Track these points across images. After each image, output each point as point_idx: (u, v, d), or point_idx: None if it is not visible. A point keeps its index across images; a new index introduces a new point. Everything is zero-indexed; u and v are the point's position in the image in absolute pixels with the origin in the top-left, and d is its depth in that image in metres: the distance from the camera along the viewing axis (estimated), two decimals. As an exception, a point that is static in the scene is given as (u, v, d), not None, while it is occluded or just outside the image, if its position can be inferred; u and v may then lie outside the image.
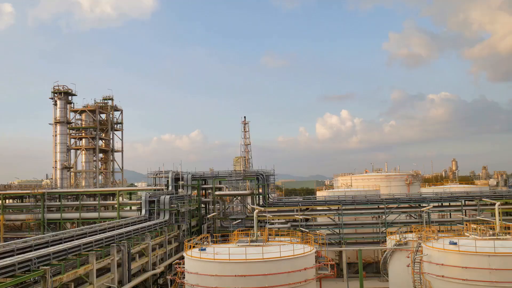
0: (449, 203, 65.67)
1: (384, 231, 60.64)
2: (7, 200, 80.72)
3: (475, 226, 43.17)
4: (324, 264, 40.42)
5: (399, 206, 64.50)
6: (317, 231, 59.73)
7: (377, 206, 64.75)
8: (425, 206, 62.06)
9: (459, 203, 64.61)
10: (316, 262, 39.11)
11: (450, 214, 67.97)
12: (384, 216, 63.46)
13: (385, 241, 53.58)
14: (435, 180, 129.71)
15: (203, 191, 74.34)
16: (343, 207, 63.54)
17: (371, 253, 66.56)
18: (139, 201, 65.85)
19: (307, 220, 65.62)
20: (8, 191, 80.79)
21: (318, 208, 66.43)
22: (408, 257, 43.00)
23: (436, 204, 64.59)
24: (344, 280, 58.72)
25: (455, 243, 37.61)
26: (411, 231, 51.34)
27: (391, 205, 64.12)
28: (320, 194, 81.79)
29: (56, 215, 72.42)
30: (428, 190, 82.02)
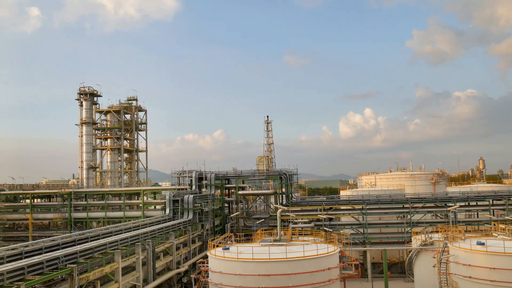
0: (476, 203, 64.37)
1: (409, 231, 59.83)
2: (35, 200, 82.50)
3: (503, 226, 42.29)
4: (348, 264, 40.13)
5: (425, 205, 63.57)
6: (341, 231, 59.31)
7: (402, 206, 63.95)
8: (451, 206, 61.00)
9: (486, 203, 63.30)
10: (340, 262, 38.85)
11: (477, 214, 66.64)
12: (409, 216, 62.64)
13: (410, 241, 52.93)
14: (462, 179, 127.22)
15: (226, 190, 74.59)
16: (367, 207, 62.97)
17: (396, 253, 65.81)
18: (163, 201, 66.48)
19: (330, 219, 65.24)
20: (36, 191, 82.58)
21: (342, 207, 65.97)
22: (434, 257, 42.35)
23: (462, 203, 63.39)
24: (368, 280, 58.19)
25: (483, 244, 36.86)
26: (437, 231, 50.62)
27: (416, 205, 63.24)
28: (344, 194, 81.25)
29: (83, 214, 73.65)
30: (454, 190, 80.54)
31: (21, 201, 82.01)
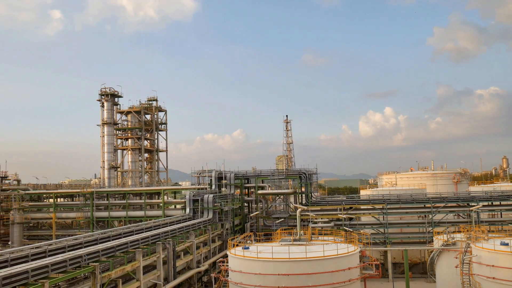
0: (500, 202, 63.20)
1: (431, 230, 59.14)
2: (58, 199, 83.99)
3: (528, 226, 41.46)
4: (369, 264, 39.85)
5: (447, 205, 62.73)
6: (361, 231, 58.92)
7: (423, 205, 63.24)
8: (474, 205, 60.03)
9: (510, 202, 62.15)
10: (360, 261, 38.59)
11: (501, 214, 65.53)
12: (430, 216, 61.90)
13: (432, 241, 52.32)
14: (485, 178, 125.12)
15: (246, 190, 74.76)
16: (388, 206, 62.44)
17: (417, 253, 65.05)
18: (183, 200, 66.98)
19: (350, 219, 64.87)
20: (59, 190, 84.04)
21: (362, 207, 65.55)
22: (456, 257, 41.77)
23: (486, 203, 62.35)
24: (389, 281, 57.68)
25: (507, 244, 36.23)
26: (459, 231, 49.92)
27: (438, 204, 62.47)
28: (364, 193, 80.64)
29: (104, 214, 74.65)
30: (477, 189, 79.26)
31: (45, 200, 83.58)
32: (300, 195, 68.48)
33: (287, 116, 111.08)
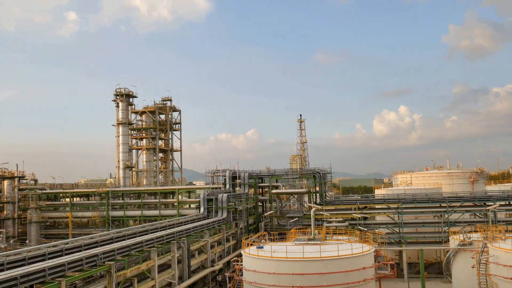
0: (517, 202, 62.33)
1: (447, 230, 58.58)
2: (74, 198, 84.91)
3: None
4: (384, 264, 39.62)
5: (463, 204, 62.04)
6: (376, 230, 58.60)
7: (439, 205, 62.65)
8: (491, 205, 59.31)
9: (528, 202, 61.23)
10: (375, 261, 38.40)
11: (518, 213, 64.58)
12: (446, 215, 61.32)
13: (448, 241, 51.83)
14: (502, 177, 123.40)
15: (260, 189, 74.77)
16: (403, 206, 61.99)
17: (433, 253, 64.47)
18: (197, 199, 67.25)
19: (365, 218, 64.53)
20: (75, 190, 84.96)
21: (377, 206, 65.17)
22: (473, 257, 41.34)
23: (503, 202, 61.53)
24: (404, 281, 57.24)
25: (525, 244, 35.74)
26: (475, 231, 49.41)
27: (454, 204, 61.83)
28: (379, 192, 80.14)
29: (120, 213, 75.25)
30: (494, 188, 78.25)
31: (61, 199, 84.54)
32: (314, 194, 68.30)
33: (300, 115, 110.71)
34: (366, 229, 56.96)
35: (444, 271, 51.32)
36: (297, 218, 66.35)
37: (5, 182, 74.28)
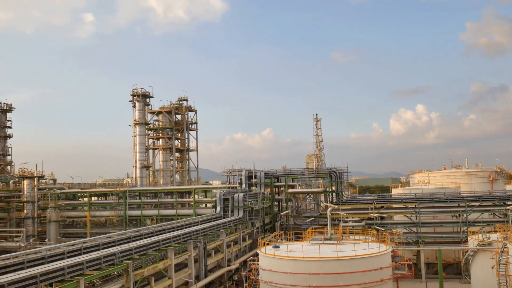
0: (538, 201, 61.25)
1: (465, 230, 57.87)
2: (92, 198, 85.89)
3: None
4: (401, 264, 39.33)
5: (482, 204, 61.17)
6: (393, 230, 58.12)
7: (457, 204, 61.88)
8: (510, 204, 58.41)
9: (549, 201, 60.13)
10: (392, 261, 38.14)
11: (539, 213, 63.41)
12: (465, 215, 60.54)
13: (467, 241, 51.21)
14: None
15: (276, 189, 74.73)
16: (421, 205, 61.37)
17: (451, 253, 63.71)
18: (214, 199, 67.46)
19: (382, 218, 64.05)
20: (93, 189, 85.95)
21: (394, 206, 64.63)
22: (492, 258, 40.76)
23: (523, 202, 60.52)
24: (422, 281, 56.69)
25: (546, 244, 35.13)
26: (495, 231, 48.74)
27: (472, 203, 61.02)
28: (396, 192, 79.46)
29: (137, 212, 75.90)
30: (514, 187, 77.00)
31: (80, 199, 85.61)
32: (330, 194, 68.01)
33: (316, 114, 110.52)
34: (383, 229, 56.52)
35: (463, 271, 50.69)
36: (313, 218, 66.15)
37: (25, 182, 75.44)
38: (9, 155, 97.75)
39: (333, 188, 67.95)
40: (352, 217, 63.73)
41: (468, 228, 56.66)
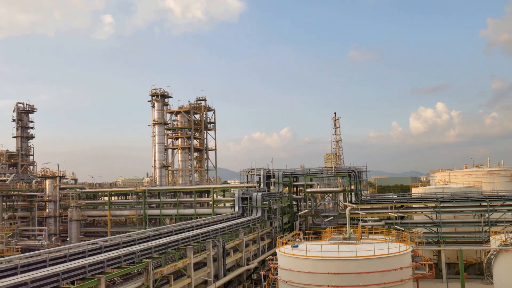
0: None
1: (487, 230, 56.93)
2: (113, 197, 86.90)
3: None
4: (422, 264, 38.88)
5: (504, 203, 60.07)
6: (413, 230, 57.48)
7: (479, 204, 60.88)
8: (534, 204, 57.26)
9: None
10: (412, 261, 37.73)
11: None
12: (487, 215, 59.55)
13: (489, 241, 50.35)
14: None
15: (294, 188, 74.60)
16: (441, 205, 60.58)
17: (473, 254, 62.76)
18: (232, 198, 67.67)
19: (402, 218, 63.41)
20: (113, 189, 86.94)
21: (414, 205, 63.91)
22: (515, 258, 40.00)
23: (547, 201, 59.28)
24: (443, 281, 55.98)
25: None
26: (518, 231, 47.71)
27: (494, 203, 59.98)
28: (416, 191, 78.58)
29: (156, 211, 76.54)
30: (537, 187, 75.51)
31: (100, 198, 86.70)
32: (349, 193, 67.60)
33: (335, 113, 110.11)
34: (403, 229, 55.97)
35: (485, 272, 49.88)
36: (332, 217, 65.84)
37: (47, 182, 76.70)
38: (31, 155, 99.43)
39: (352, 187, 67.52)
40: (371, 217, 63.26)
41: (490, 228, 55.72)
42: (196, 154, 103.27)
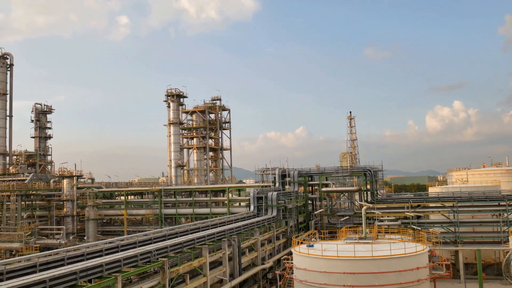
0: None
1: (506, 230, 56.11)
2: (129, 197, 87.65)
3: None
4: (439, 264, 38.52)
5: (524, 203, 59.15)
6: (430, 229, 56.93)
7: (497, 203, 60.03)
8: (554, 204, 56.27)
9: None
10: (429, 261, 37.40)
11: None
12: (505, 214, 58.68)
13: (508, 241, 49.66)
14: None
15: (310, 187, 74.37)
16: (459, 204, 59.88)
17: (491, 254, 61.95)
18: (247, 198, 67.73)
19: (418, 217, 62.83)
20: (130, 188, 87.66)
21: (431, 205, 63.29)
22: (535, 259, 39.38)
23: None
24: (461, 282, 55.33)
25: None
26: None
27: (513, 202, 59.06)
28: (433, 190, 77.81)
29: (172, 211, 76.95)
30: (558, 186, 74.21)
31: (117, 198, 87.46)
32: (365, 192, 67.18)
33: (350, 112, 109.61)
34: (419, 228, 55.47)
35: (504, 272, 49.17)
36: (347, 217, 65.52)
37: (65, 181, 77.60)
38: (49, 155, 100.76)
39: (368, 186, 67.09)
40: (388, 216, 62.80)
41: (509, 228, 54.93)
42: (211, 153, 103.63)
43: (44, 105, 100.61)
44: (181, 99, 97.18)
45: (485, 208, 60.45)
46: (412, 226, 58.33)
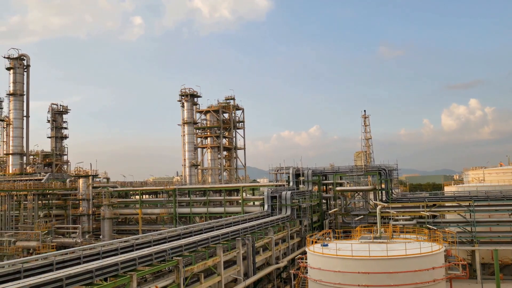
0: None
1: (524, 230, 55.30)
2: (144, 196, 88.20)
3: None
4: (455, 264, 38.14)
5: (542, 202, 58.24)
6: (446, 229, 56.37)
7: (515, 203, 59.21)
8: None
9: None
10: (445, 261, 37.03)
11: None
12: (523, 214, 57.85)
13: (526, 241, 48.87)
14: None
15: (324, 186, 74.12)
16: (475, 203, 59.18)
17: (508, 254, 61.08)
18: (261, 197, 67.71)
19: (434, 217, 62.25)
20: (144, 188, 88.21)
21: (447, 204, 62.67)
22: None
23: None
24: (477, 282, 54.69)
25: None
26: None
27: (531, 202, 58.17)
28: (449, 190, 77.01)
29: (186, 210, 77.20)
30: None
31: (132, 197, 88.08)
32: (380, 191, 66.78)
33: (365, 111, 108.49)
34: (435, 228, 54.95)
35: (522, 272, 48.49)
36: (362, 216, 65.19)
37: (80, 181, 78.34)
38: (65, 155, 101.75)
39: (383, 186, 66.67)
40: (403, 216, 62.31)
41: (527, 228, 54.14)
42: (225, 153, 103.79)
43: (60, 105, 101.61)
44: (195, 99, 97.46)
45: (502, 207, 59.67)
46: (428, 225, 57.79)
